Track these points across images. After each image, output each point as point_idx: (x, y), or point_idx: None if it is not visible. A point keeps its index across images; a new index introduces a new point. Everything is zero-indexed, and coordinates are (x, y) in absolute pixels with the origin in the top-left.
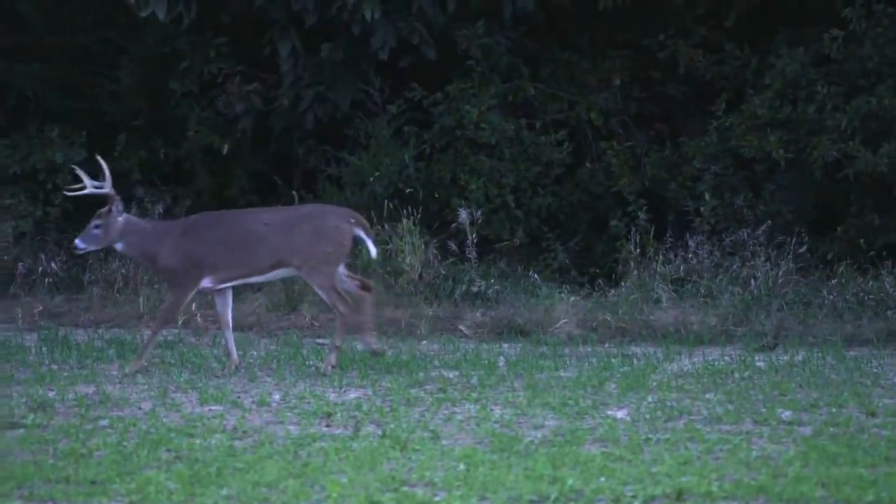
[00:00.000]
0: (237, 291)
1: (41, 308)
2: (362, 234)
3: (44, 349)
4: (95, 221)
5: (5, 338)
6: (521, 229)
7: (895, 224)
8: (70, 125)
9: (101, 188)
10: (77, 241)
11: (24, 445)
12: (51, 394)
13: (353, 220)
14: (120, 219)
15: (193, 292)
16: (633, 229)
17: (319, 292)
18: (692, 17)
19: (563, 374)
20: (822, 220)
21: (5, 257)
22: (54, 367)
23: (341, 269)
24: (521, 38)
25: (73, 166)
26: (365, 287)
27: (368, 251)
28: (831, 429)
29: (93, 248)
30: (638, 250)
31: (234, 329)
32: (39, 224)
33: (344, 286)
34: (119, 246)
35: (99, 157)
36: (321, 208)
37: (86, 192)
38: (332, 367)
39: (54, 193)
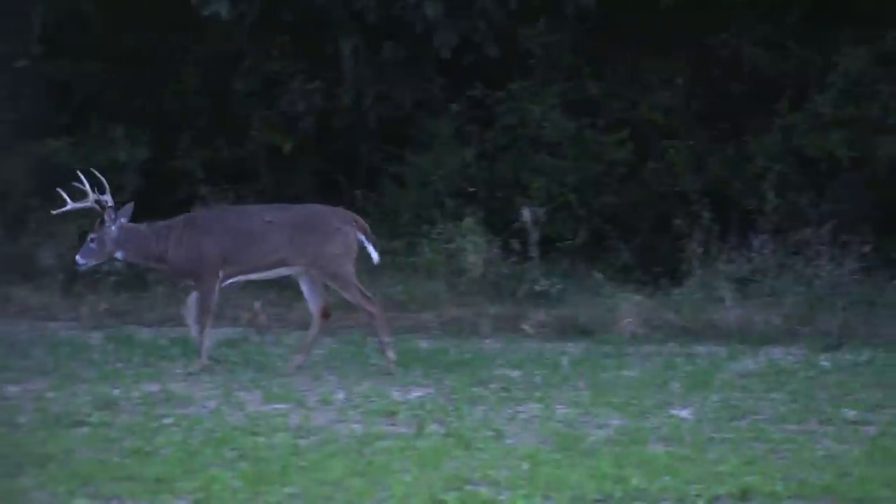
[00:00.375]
0: (297, 291)
1: (106, 306)
2: (363, 238)
3: (109, 347)
4: (91, 235)
5: (71, 336)
6: (584, 228)
7: None
8: (134, 124)
9: (84, 203)
10: (77, 257)
11: (90, 443)
12: (116, 392)
13: (355, 223)
14: (113, 228)
15: (219, 279)
16: (697, 228)
17: (344, 294)
18: (755, 14)
19: (626, 374)
20: (887, 219)
21: (69, 256)
22: (119, 365)
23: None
24: (583, 36)
25: (58, 189)
26: (324, 314)
27: (370, 256)
28: None
29: (93, 262)
30: (701, 249)
31: (299, 328)
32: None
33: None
34: (119, 255)
35: (79, 172)
36: (324, 210)
37: (67, 208)
38: (394, 362)
39: (118, 192)
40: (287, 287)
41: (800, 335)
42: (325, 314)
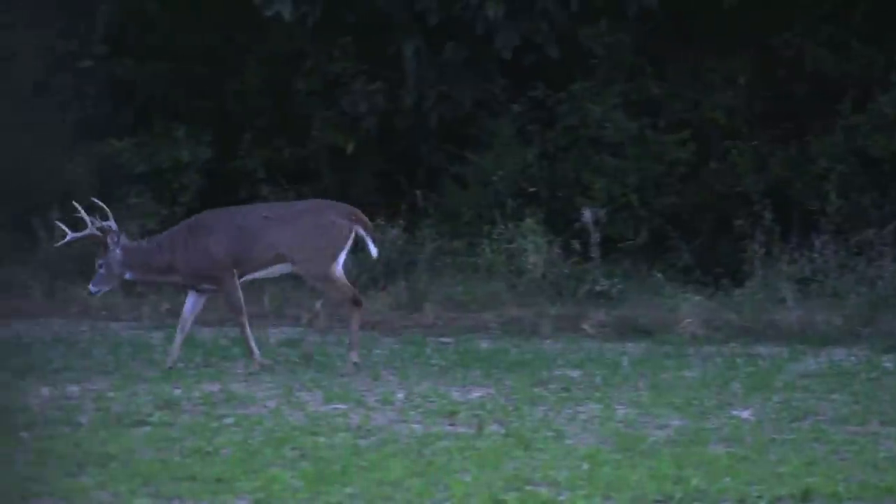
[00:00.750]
0: (358, 291)
1: (167, 306)
2: (362, 232)
3: (170, 347)
4: (98, 262)
5: (132, 336)
6: (645, 228)
7: None
8: (196, 124)
9: (105, 229)
10: (90, 286)
11: (151, 443)
12: (177, 392)
13: (353, 217)
14: (117, 251)
15: (237, 277)
16: (758, 229)
17: (316, 284)
18: (818, 14)
19: (687, 374)
20: None
21: None
22: (180, 365)
23: (340, 275)
24: (646, 36)
25: (57, 222)
26: (355, 301)
27: (369, 251)
28: None
29: (105, 287)
30: (763, 250)
31: (359, 328)
32: (165, 223)
33: None
34: (128, 276)
35: (75, 203)
36: (321, 203)
37: (68, 239)
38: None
39: (180, 192)
40: None
41: (862, 336)
42: (357, 302)
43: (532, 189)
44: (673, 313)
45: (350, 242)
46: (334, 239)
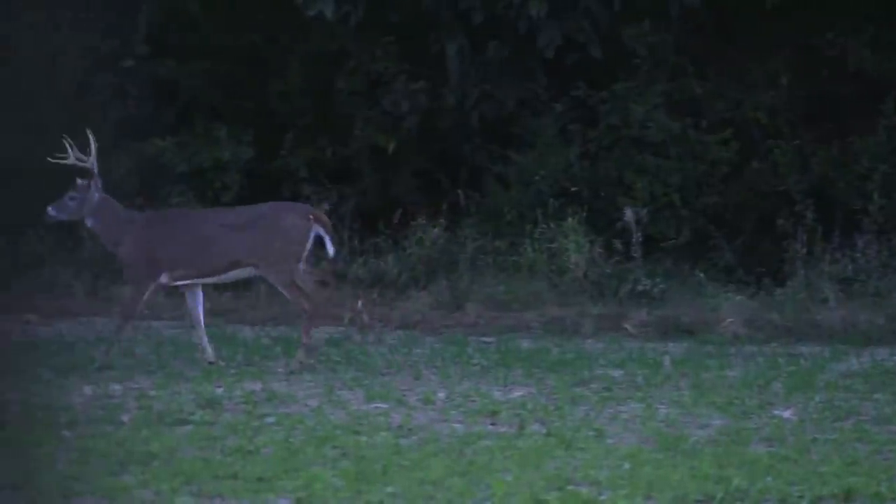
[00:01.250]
0: (399, 291)
1: (208, 305)
2: (321, 232)
3: (211, 346)
4: (72, 193)
5: (174, 335)
6: (687, 228)
7: None
8: (238, 124)
9: (84, 161)
10: (49, 208)
11: (193, 442)
12: (218, 390)
13: (311, 217)
14: (97, 195)
15: (151, 287)
16: (800, 228)
17: (281, 290)
18: (861, 14)
19: (728, 374)
20: None
21: None
22: (222, 363)
23: (301, 266)
24: (688, 35)
25: (64, 136)
26: (322, 284)
27: (326, 250)
28: None
29: (63, 217)
30: (805, 249)
31: (400, 327)
32: None
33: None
34: (89, 222)
35: (88, 131)
36: (278, 206)
37: (68, 161)
38: (302, 363)
39: (222, 192)
40: (389, 286)
41: None
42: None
43: (574, 188)
44: (715, 313)
45: (310, 243)
46: (295, 241)
